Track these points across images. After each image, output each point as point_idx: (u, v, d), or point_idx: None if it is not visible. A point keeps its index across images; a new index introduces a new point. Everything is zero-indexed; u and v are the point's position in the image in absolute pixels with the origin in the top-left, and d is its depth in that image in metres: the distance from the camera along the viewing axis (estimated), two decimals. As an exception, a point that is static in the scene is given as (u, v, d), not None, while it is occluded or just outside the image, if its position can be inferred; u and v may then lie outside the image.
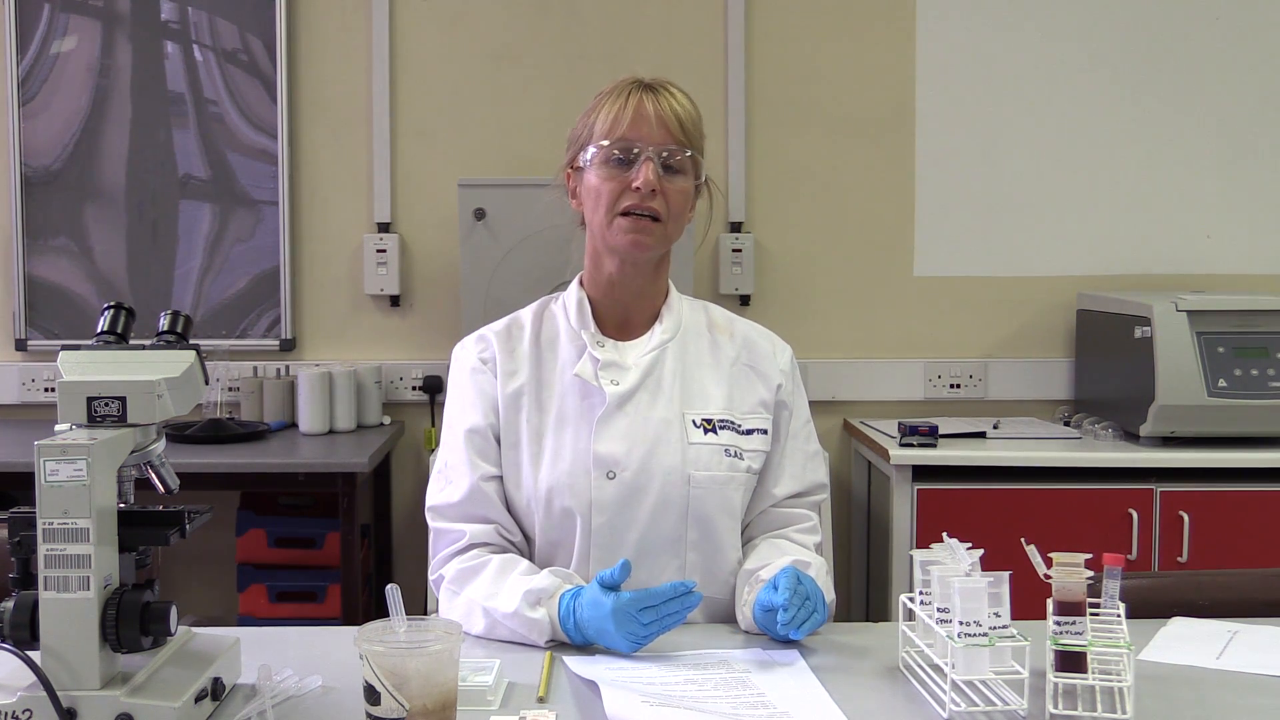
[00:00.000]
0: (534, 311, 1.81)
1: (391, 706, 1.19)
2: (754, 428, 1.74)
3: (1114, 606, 1.39)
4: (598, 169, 1.68)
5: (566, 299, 1.79)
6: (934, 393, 3.59)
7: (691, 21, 3.54)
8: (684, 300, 1.82)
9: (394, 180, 3.55)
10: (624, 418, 1.69)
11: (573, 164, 1.75)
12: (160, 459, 1.36)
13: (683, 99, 1.71)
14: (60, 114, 3.49)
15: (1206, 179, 3.58)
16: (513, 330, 1.78)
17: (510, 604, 1.56)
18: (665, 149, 1.67)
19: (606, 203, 1.68)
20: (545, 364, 1.74)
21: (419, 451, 3.58)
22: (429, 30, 3.54)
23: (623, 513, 1.66)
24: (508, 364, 1.74)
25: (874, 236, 3.58)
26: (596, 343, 1.73)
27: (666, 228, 1.69)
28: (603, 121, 1.69)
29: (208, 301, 3.54)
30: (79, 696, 1.20)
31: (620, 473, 1.66)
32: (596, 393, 1.69)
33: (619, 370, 1.71)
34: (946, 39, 3.55)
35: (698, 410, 1.72)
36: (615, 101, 1.69)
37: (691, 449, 1.69)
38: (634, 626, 1.47)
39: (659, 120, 1.67)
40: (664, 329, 1.76)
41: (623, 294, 1.75)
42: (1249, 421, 2.99)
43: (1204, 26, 3.55)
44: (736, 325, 1.83)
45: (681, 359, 1.75)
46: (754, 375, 1.77)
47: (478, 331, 1.81)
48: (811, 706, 1.33)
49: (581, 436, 1.68)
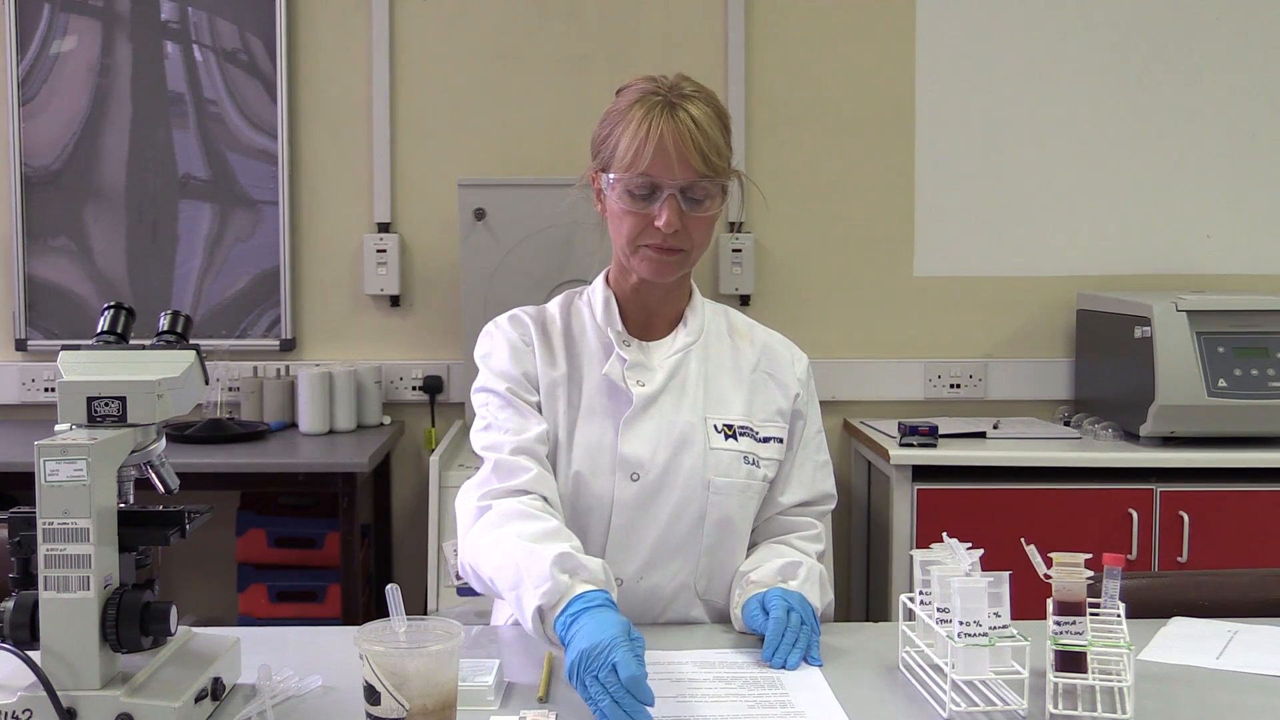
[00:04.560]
0: (561, 305, 1.79)
1: (391, 706, 1.19)
2: (770, 436, 1.74)
3: (1114, 606, 1.39)
4: (620, 196, 1.65)
5: (593, 295, 1.78)
6: (934, 393, 3.59)
7: (691, 22, 3.54)
8: (707, 304, 1.82)
9: (394, 180, 3.55)
10: (649, 420, 1.68)
11: (596, 170, 1.71)
12: (160, 459, 1.36)
13: (704, 114, 1.64)
14: (60, 114, 3.49)
15: (1207, 179, 3.58)
16: (545, 321, 1.76)
17: (550, 552, 1.44)
18: (687, 182, 1.62)
19: (628, 234, 1.66)
20: (575, 359, 1.73)
21: (419, 451, 3.58)
22: (429, 30, 3.54)
23: (643, 514, 1.66)
24: (545, 353, 1.72)
25: (874, 236, 3.58)
26: (623, 342, 1.72)
27: (690, 255, 1.68)
28: (625, 148, 1.62)
29: (208, 301, 3.54)
30: (79, 696, 1.20)
31: (644, 475, 1.66)
32: (623, 393, 1.69)
33: (645, 371, 1.71)
34: (946, 39, 3.55)
35: (719, 415, 1.71)
36: (638, 128, 1.62)
37: (713, 454, 1.68)
38: (584, 678, 1.30)
39: (680, 155, 1.61)
40: (688, 331, 1.75)
41: (649, 298, 1.74)
42: (1249, 421, 2.99)
43: (1204, 27, 3.55)
44: (756, 331, 1.82)
45: (704, 362, 1.74)
46: (772, 383, 1.77)
47: (510, 313, 1.76)
48: (821, 710, 1.34)
49: (608, 435, 1.67)
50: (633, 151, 1.62)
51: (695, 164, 1.62)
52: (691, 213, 1.64)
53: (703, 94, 1.67)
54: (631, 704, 1.26)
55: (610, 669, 1.28)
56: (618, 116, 1.66)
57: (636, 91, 1.67)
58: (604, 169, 1.67)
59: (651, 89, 1.66)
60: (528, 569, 1.45)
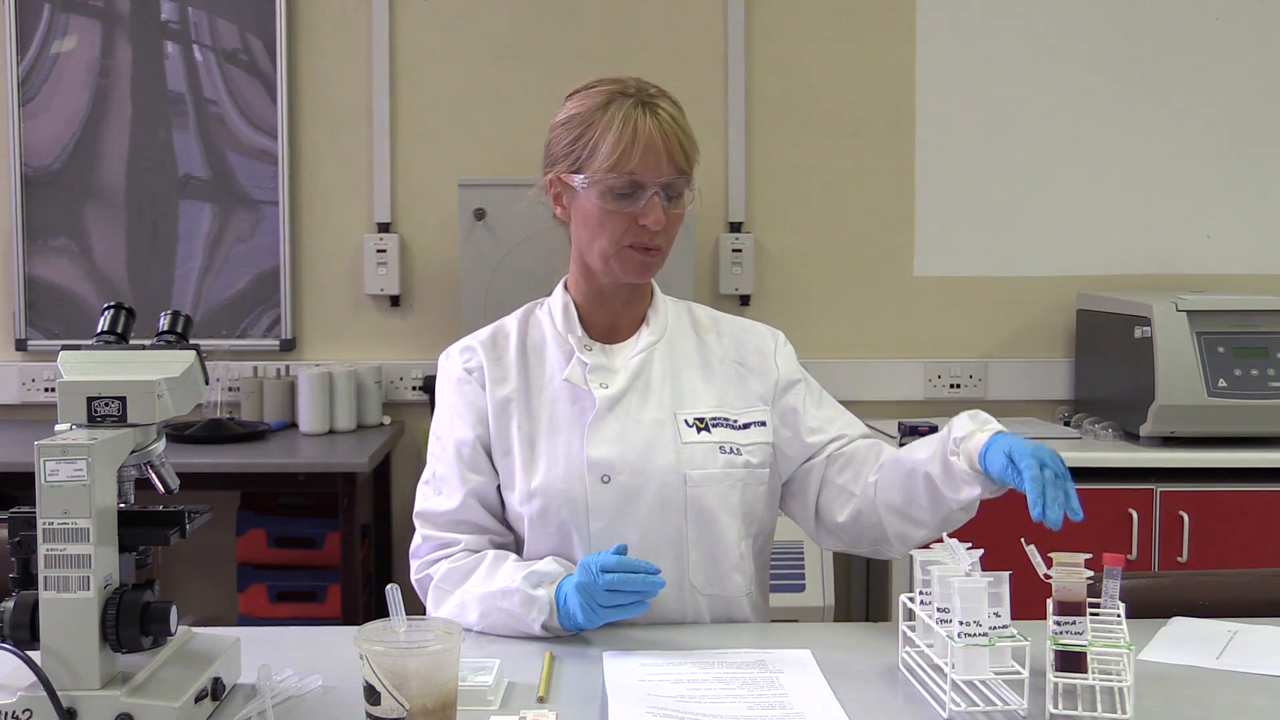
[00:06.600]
0: (519, 318, 1.79)
1: (391, 706, 1.19)
2: (752, 421, 1.73)
3: (1114, 606, 1.39)
4: (600, 198, 1.64)
5: (552, 304, 1.78)
6: (934, 393, 3.59)
7: (691, 21, 3.54)
8: (668, 301, 1.81)
9: (394, 180, 3.55)
10: (615, 421, 1.68)
11: (559, 174, 1.69)
12: (160, 459, 1.36)
13: (675, 111, 1.66)
14: (60, 114, 3.49)
15: (1206, 179, 3.58)
16: (498, 338, 1.77)
17: (510, 582, 1.57)
18: (670, 179, 1.64)
19: (610, 236, 1.65)
20: (533, 370, 1.73)
21: (419, 451, 3.57)
22: (429, 30, 3.54)
23: (621, 516, 1.66)
24: (495, 372, 1.73)
25: (874, 236, 3.58)
26: (584, 347, 1.72)
27: (665, 252, 1.69)
28: (608, 149, 1.62)
29: (208, 301, 3.54)
30: (79, 696, 1.20)
31: (615, 476, 1.66)
32: (586, 396, 1.69)
33: (608, 373, 1.71)
34: (946, 39, 3.55)
35: (689, 410, 1.71)
36: (623, 128, 1.62)
37: (685, 448, 1.68)
38: (598, 595, 1.50)
39: (665, 151, 1.62)
40: (651, 331, 1.75)
41: (613, 302, 1.74)
42: (1249, 421, 2.99)
43: (1204, 27, 3.55)
44: (722, 323, 1.82)
45: (670, 360, 1.74)
46: (746, 371, 1.77)
47: (462, 341, 1.79)
48: (820, 710, 1.34)
49: (574, 441, 1.67)
50: (619, 151, 1.61)
51: (678, 159, 1.64)
52: (670, 209, 1.65)
53: (665, 93, 1.69)
54: (634, 576, 1.48)
55: (601, 588, 1.49)
56: (588, 118, 1.65)
57: (603, 93, 1.66)
58: (576, 170, 1.66)
59: (620, 90, 1.66)
60: (510, 610, 1.58)
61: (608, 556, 1.50)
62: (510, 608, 1.57)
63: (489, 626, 1.60)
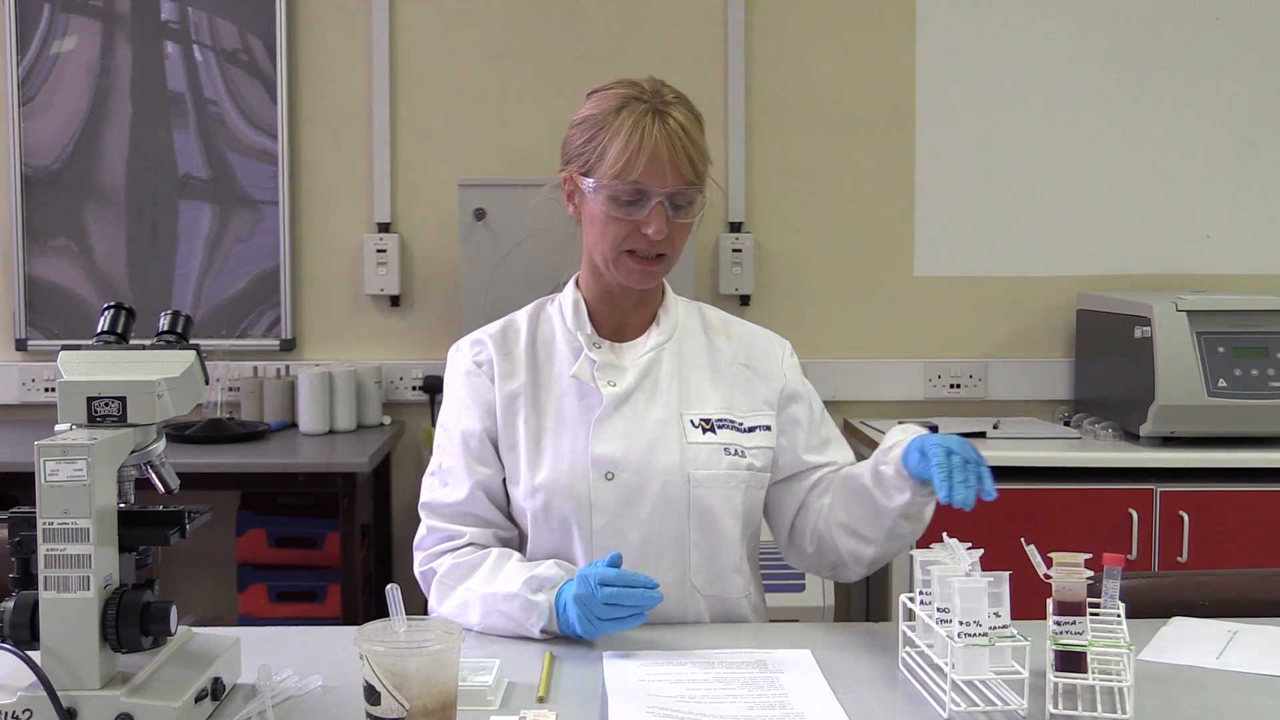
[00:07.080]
0: (529, 314, 1.80)
1: (391, 706, 1.19)
2: (757, 424, 1.74)
3: (1114, 606, 1.39)
4: (605, 202, 1.64)
5: (563, 301, 1.78)
6: (934, 393, 3.59)
7: (691, 21, 3.54)
8: (679, 302, 1.82)
9: (394, 180, 3.55)
10: (621, 419, 1.69)
11: (574, 173, 1.70)
12: (160, 459, 1.36)
13: (689, 120, 1.65)
14: (60, 114, 3.49)
15: (1206, 179, 3.58)
16: (508, 333, 1.78)
17: (511, 586, 1.57)
18: (676, 190, 1.63)
19: (612, 240, 1.66)
20: (542, 366, 1.74)
21: (419, 451, 3.57)
22: (429, 30, 3.54)
23: (624, 513, 1.66)
24: (504, 366, 1.74)
25: (874, 236, 3.58)
26: (593, 344, 1.72)
27: (669, 261, 1.69)
28: (615, 155, 1.62)
29: (208, 301, 3.54)
30: (79, 696, 1.20)
31: (619, 473, 1.66)
32: (593, 394, 1.69)
33: (616, 371, 1.71)
34: (946, 39, 3.55)
35: (695, 410, 1.72)
36: (630, 135, 1.62)
37: (690, 448, 1.69)
38: (596, 609, 1.50)
39: (672, 163, 1.62)
40: (660, 331, 1.75)
41: (622, 302, 1.74)
42: (1249, 421, 2.99)
43: (1204, 27, 3.55)
44: (732, 326, 1.82)
45: (678, 360, 1.75)
46: (753, 375, 1.77)
47: (472, 334, 1.80)
48: (820, 710, 1.34)
49: (579, 438, 1.68)
50: (625, 159, 1.61)
51: (685, 172, 1.63)
52: (675, 219, 1.65)
53: (682, 99, 1.68)
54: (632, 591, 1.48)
55: (599, 601, 1.48)
56: (601, 121, 1.66)
57: (618, 97, 1.66)
58: (585, 173, 1.66)
59: (635, 94, 1.66)
60: (510, 614, 1.57)
61: (606, 569, 1.50)
62: (510, 611, 1.57)
63: (489, 627, 1.60)
